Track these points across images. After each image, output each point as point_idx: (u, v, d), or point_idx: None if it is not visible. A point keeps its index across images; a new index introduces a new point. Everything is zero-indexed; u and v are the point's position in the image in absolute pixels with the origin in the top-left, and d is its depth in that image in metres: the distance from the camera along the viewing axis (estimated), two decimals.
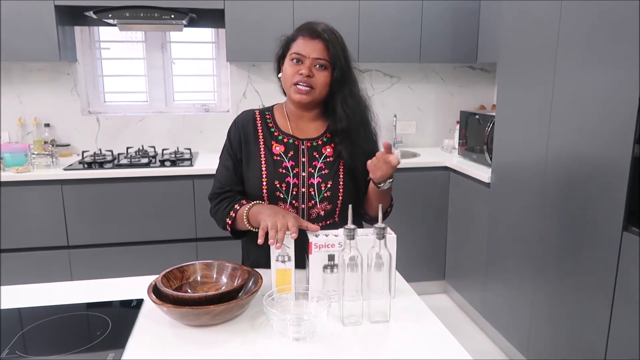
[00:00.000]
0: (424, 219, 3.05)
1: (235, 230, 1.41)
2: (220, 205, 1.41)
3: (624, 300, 1.67)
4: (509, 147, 2.37)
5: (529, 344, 2.23)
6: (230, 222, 1.37)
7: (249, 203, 1.35)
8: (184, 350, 0.99)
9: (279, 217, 1.17)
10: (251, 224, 1.32)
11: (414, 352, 0.99)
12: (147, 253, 2.74)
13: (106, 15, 2.71)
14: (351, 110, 1.38)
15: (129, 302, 1.19)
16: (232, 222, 1.37)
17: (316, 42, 1.34)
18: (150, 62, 3.25)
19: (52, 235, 2.65)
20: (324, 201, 1.39)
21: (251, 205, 1.33)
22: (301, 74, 1.33)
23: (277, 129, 1.44)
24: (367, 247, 1.07)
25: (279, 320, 1.02)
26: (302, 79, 1.34)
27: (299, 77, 1.34)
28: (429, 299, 3.04)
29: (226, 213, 1.38)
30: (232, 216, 1.36)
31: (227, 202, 1.40)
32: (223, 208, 1.39)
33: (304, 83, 1.34)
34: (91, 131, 3.14)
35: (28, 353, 0.97)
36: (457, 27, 3.09)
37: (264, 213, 1.24)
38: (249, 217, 1.32)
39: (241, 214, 1.33)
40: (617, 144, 1.67)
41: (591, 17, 1.78)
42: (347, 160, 1.40)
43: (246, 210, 1.32)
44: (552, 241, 2.04)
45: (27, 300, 1.20)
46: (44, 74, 3.04)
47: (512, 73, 2.32)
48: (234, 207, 1.37)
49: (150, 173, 2.68)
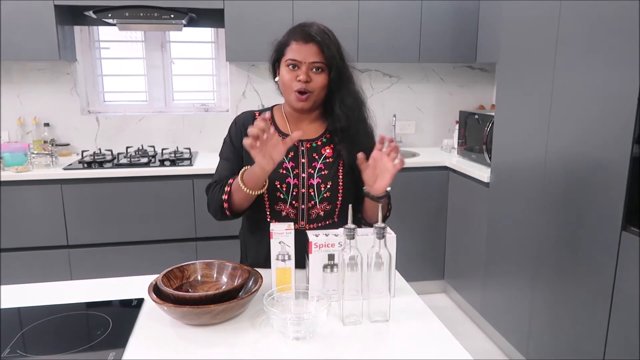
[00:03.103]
0: (423, 219, 3.06)
1: (234, 211, 1.37)
2: (214, 190, 1.39)
3: (623, 299, 1.67)
4: (508, 147, 2.37)
5: (528, 344, 2.24)
6: (226, 197, 1.34)
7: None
8: (185, 349, 0.99)
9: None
10: (247, 185, 1.28)
11: (413, 351, 1.00)
12: (147, 253, 2.74)
13: (106, 14, 2.71)
14: (349, 109, 1.39)
15: (129, 302, 1.19)
16: (229, 198, 1.34)
17: (310, 46, 1.33)
18: (150, 62, 3.25)
19: (52, 235, 2.65)
20: (323, 201, 1.39)
21: (242, 171, 1.30)
22: (299, 80, 1.33)
23: (277, 130, 1.44)
24: (367, 247, 1.08)
25: (279, 320, 1.02)
26: (300, 86, 1.33)
27: (297, 84, 1.33)
28: (428, 298, 3.04)
29: (222, 191, 1.35)
30: (227, 191, 1.33)
31: (220, 186, 1.38)
32: (217, 190, 1.37)
33: (303, 89, 1.33)
34: (91, 131, 3.14)
35: (28, 352, 0.97)
36: (457, 26, 3.09)
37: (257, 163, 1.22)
38: (244, 180, 1.28)
39: (236, 182, 1.30)
40: (616, 144, 1.68)
41: (590, 17, 1.79)
42: (346, 159, 1.40)
43: (239, 177, 1.29)
44: (551, 241, 2.05)
45: (27, 299, 1.20)
46: (44, 73, 3.03)
47: (511, 73, 2.32)
48: (228, 182, 1.35)
49: (149, 173, 2.68)
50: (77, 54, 3.10)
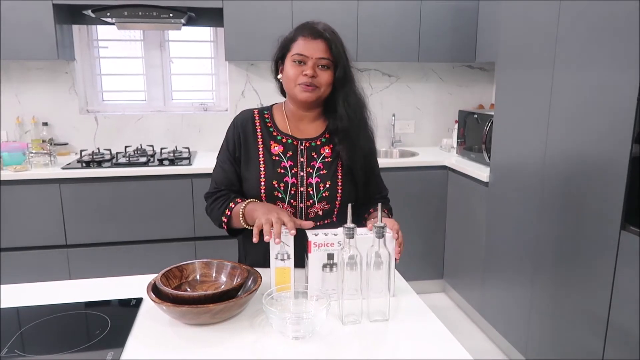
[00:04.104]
0: (422, 218, 3.06)
1: (231, 229, 1.40)
2: (215, 204, 1.40)
3: (622, 298, 1.68)
4: (507, 147, 2.37)
5: (527, 343, 2.24)
6: (226, 220, 1.37)
7: (244, 201, 1.34)
8: (184, 349, 0.99)
9: (273, 214, 1.17)
10: (247, 222, 1.31)
11: (413, 350, 0.99)
12: (146, 252, 2.74)
13: (104, 14, 2.71)
14: (352, 110, 1.38)
15: (128, 301, 1.19)
16: (228, 221, 1.37)
17: (318, 42, 1.33)
18: (149, 61, 3.24)
19: (50, 234, 2.65)
20: (322, 201, 1.39)
21: (246, 203, 1.32)
22: (305, 75, 1.33)
23: (276, 129, 1.44)
24: (367, 246, 1.08)
25: (278, 319, 1.02)
26: (306, 80, 1.33)
27: (303, 78, 1.33)
28: (428, 297, 3.04)
29: (222, 212, 1.37)
30: (227, 214, 1.36)
31: (222, 200, 1.39)
32: (218, 207, 1.39)
33: (309, 83, 1.33)
34: (89, 130, 3.14)
35: (27, 352, 0.97)
36: (456, 26, 3.09)
37: (258, 211, 1.24)
38: (245, 215, 1.31)
39: (237, 212, 1.32)
40: (615, 143, 1.68)
41: (590, 16, 1.78)
42: (345, 159, 1.40)
43: (242, 208, 1.31)
44: (550, 240, 2.05)
45: (26, 299, 1.19)
46: (42, 72, 3.03)
47: (510, 72, 2.32)
48: (229, 205, 1.36)
49: (148, 172, 2.68)
50: (75, 53, 3.09)
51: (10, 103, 3.03)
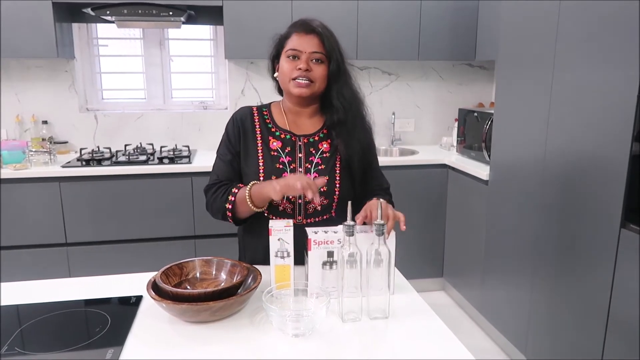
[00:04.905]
0: (422, 217, 3.06)
1: (236, 218, 1.39)
2: (217, 193, 1.39)
3: (622, 297, 1.68)
4: (507, 145, 2.37)
5: (527, 342, 2.24)
6: (230, 207, 1.35)
7: (246, 187, 1.34)
8: (184, 346, 0.99)
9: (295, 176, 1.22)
10: (254, 203, 1.31)
11: (413, 348, 0.99)
12: (145, 250, 2.74)
13: (104, 12, 2.70)
14: (347, 102, 1.40)
15: (128, 299, 1.19)
16: (232, 207, 1.35)
17: (311, 37, 1.36)
18: (149, 60, 3.24)
19: (50, 233, 2.65)
20: (320, 196, 1.39)
21: (251, 185, 1.32)
22: (299, 69, 1.34)
23: (275, 125, 1.45)
24: (367, 244, 1.08)
25: (278, 317, 1.02)
26: (300, 73, 1.34)
27: (297, 72, 1.35)
28: (427, 296, 3.03)
29: (225, 199, 1.36)
30: (231, 200, 1.35)
31: (224, 189, 1.38)
32: (220, 195, 1.37)
33: (303, 77, 1.34)
34: (89, 128, 3.13)
35: (27, 350, 0.97)
36: (456, 24, 3.09)
37: (270, 184, 1.25)
38: (252, 196, 1.31)
39: (242, 196, 1.32)
40: (615, 142, 1.68)
41: (590, 15, 1.78)
42: (343, 152, 1.41)
43: (247, 190, 1.31)
44: (550, 238, 2.05)
45: (26, 297, 1.20)
46: (42, 71, 3.03)
47: (510, 71, 2.32)
48: (232, 191, 1.36)
49: (148, 170, 2.68)
50: (75, 51, 3.09)
51: (10, 101, 3.02)
